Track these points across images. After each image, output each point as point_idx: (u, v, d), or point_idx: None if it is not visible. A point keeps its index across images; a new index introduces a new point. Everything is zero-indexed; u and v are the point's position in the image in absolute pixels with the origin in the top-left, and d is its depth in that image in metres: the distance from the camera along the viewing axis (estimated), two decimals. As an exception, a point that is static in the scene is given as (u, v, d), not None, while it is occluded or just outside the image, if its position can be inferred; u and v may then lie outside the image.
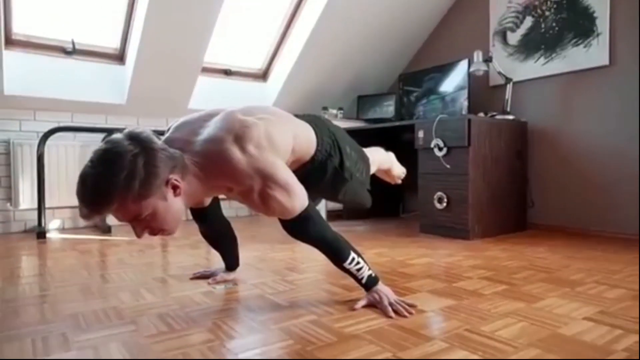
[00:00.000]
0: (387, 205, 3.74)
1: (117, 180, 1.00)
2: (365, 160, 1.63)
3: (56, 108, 2.90)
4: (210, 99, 3.35)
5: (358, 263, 1.32)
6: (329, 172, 1.42)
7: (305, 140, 1.37)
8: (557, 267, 1.86)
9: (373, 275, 1.35)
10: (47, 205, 2.73)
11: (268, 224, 3.24)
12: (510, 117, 2.84)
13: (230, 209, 3.58)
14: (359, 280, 1.34)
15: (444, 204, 2.61)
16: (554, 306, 1.34)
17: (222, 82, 3.45)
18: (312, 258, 2.04)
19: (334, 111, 3.60)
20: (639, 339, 1.08)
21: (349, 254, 1.30)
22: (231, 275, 1.69)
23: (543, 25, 2.86)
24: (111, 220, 2.93)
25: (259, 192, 1.17)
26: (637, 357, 0.98)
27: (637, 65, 2.45)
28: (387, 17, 3.39)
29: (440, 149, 2.62)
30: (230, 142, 1.14)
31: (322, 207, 3.38)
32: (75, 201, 2.73)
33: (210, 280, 1.64)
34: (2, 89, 2.62)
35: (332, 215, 3.43)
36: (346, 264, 1.30)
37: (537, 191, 2.91)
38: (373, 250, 2.23)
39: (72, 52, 2.87)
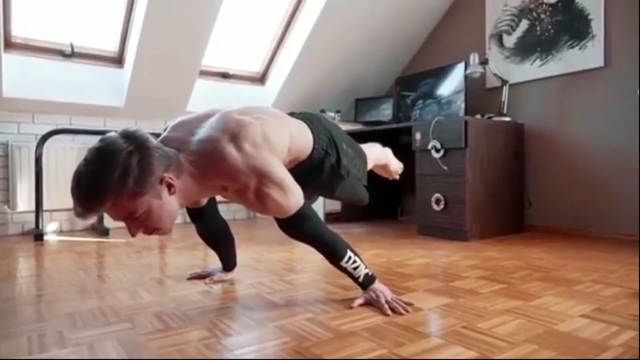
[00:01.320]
0: (385, 207, 3.74)
1: (112, 177, 1.00)
2: (362, 156, 1.64)
3: (54, 111, 2.91)
4: (209, 102, 3.34)
5: (355, 262, 1.32)
6: (326, 170, 1.42)
7: (302, 139, 1.37)
8: (554, 267, 1.86)
9: (370, 273, 1.35)
10: (44, 208, 2.72)
11: (265, 225, 3.23)
12: (507, 118, 2.85)
13: (228, 211, 3.58)
14: (355, 279, 1.34)
15: (442, 206, 2.62)
16: (551, 304, 1.34)
17: (220, 85, 3.46)
18: (309, 259, 2.04)
19: (332, 114, 3.61)
20: (639, 336, 1.08)
21: (345, 253, 1.30)
22: (228, 275, 1.68)
23: (539, 28, 2.88)
24: (109, 222, 2.93)
25: (254, 190, 1.16)
26: (637, 357, 0.98)
27: (632, 66, 2.46)
28: (384, 21, 3.41)
29: (437, 151, 2.63)
30: (225, 141, 1.14)
31: (320, 208, 3.38)
32: (70, 204, 2.71)
33: (207, 280, 1.63)
34: (1, 92, 2.62)
35: (330, 217, 3.43)
36: (343, 263, 1.30)
37: (535, 192, 2.92)
38: (370, 252, 2.23)
39: (70, 55, 2.87)
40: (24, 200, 2.75)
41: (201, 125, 1.23)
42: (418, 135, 2.76)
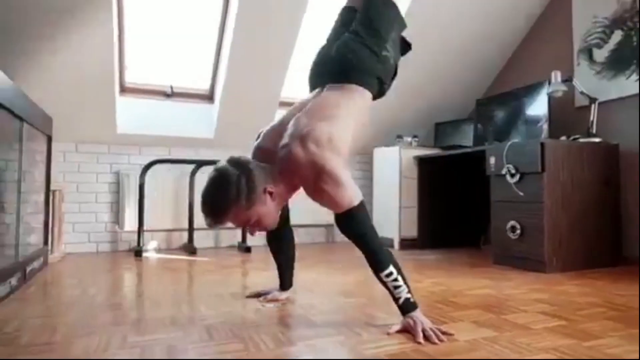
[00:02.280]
0: (468, 234, 3.58)
1: (229, 197, 1.33)
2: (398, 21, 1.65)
3: (156, 143, 3.34)
4: (289, 131, 3.59)
5: (396, 280, 1.34)
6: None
7: (364, 112, 1.55)
8: (635, 305, 1.66)
9: (412, 300, 1.36)
10: (145, 228, 3.12)
11: (338, 250, 3.31)
12: (597, 139, 2.61)
13: (307, 235, 3.73)
14: (395, 299, 1.36)
15: (517, 234, 2.46)
16: (609, 346, 1.22)
17: (300, 115, 3.67)
18: (367, 283, 2.07)
19: (409, 139, 3.61)
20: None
21: (387, 266, 1.34)
22: (283, 295, 1.79)
23: (635, 39, 2.62)
24: (198, 242, 3.25)
25: (313, 183, 1.36)
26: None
27: None
28: (464, 41, 3.36)
29: (512, 176, 2.50)
30: (296, 145, 1.36)
31: (396, 234, 3.37)
32: (168, 225, 3.06)
33: (261, 299, 1.76)
34: (115, 129, 3.11)
35: (406, 243, 3.39)
36: (382, 275, 1.34)
37: (633, 221, 2.60)
38: (431, 279, 2.18)
39: (170, 95, 3.31)
40: (131, 221, 3.19)
41: (282, 133, 1.44)
42: (492, 160, 2.65)
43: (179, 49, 3.32)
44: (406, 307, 1.35)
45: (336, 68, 1.54)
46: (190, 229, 3.21)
